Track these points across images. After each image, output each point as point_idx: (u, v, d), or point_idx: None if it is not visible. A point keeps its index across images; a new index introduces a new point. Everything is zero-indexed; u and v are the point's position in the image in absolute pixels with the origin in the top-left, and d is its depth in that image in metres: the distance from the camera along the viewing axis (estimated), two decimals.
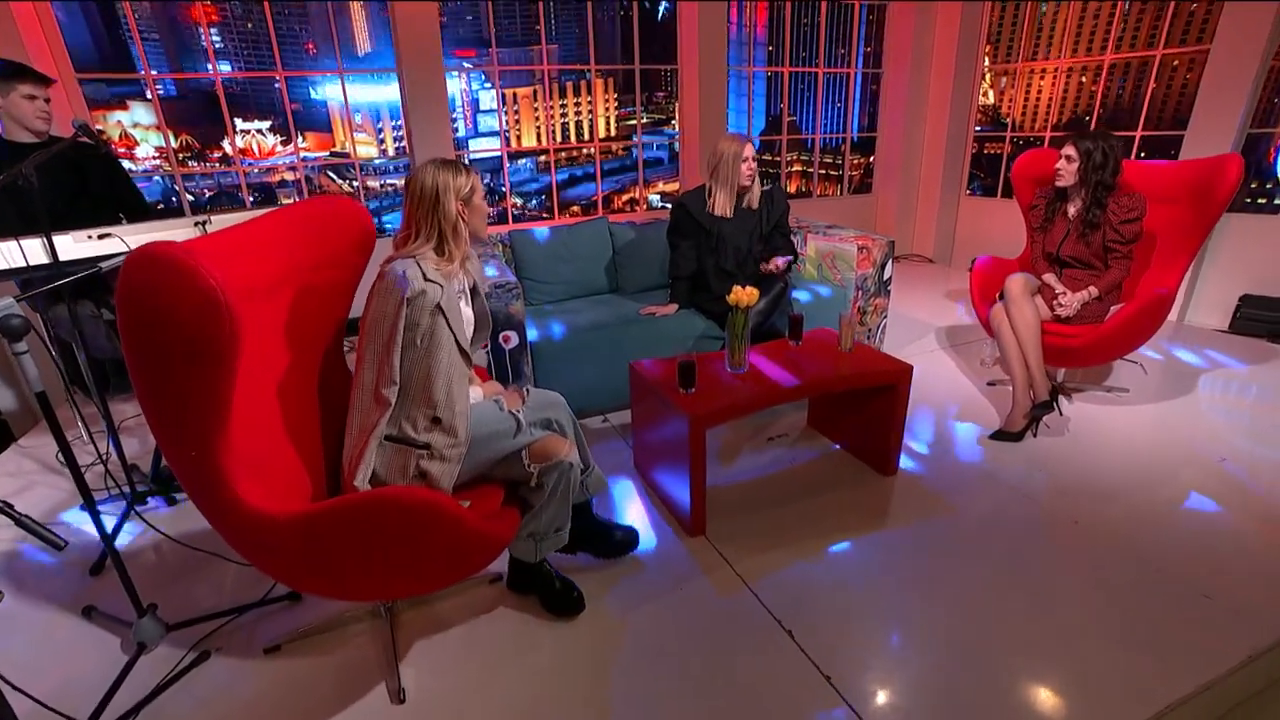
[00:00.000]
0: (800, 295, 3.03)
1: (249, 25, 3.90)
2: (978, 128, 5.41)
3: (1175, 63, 4.72)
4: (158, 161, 3.88)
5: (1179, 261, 2.53)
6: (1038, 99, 5.33)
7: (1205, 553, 1.85)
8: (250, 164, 4.13)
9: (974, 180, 5.56)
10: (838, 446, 2.52)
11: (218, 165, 4.06)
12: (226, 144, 3.97)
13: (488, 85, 4.79)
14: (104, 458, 2.30)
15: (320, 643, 1.64)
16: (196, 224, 2.20)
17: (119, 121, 3.84)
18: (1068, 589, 1.74)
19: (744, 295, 2.03)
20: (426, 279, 1.42)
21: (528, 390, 1.73)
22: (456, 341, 1.49)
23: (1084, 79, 5.13)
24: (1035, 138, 5.20)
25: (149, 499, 2.25)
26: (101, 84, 3.70)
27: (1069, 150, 2.51)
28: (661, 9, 5.02)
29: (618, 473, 2.38)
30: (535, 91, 4.87)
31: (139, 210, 2.51)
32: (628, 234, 3.22)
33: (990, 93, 5.42)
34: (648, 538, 2.01)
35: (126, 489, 2.21)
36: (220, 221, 2.25)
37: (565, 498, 1.56)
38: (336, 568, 1.31)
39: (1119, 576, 1.77)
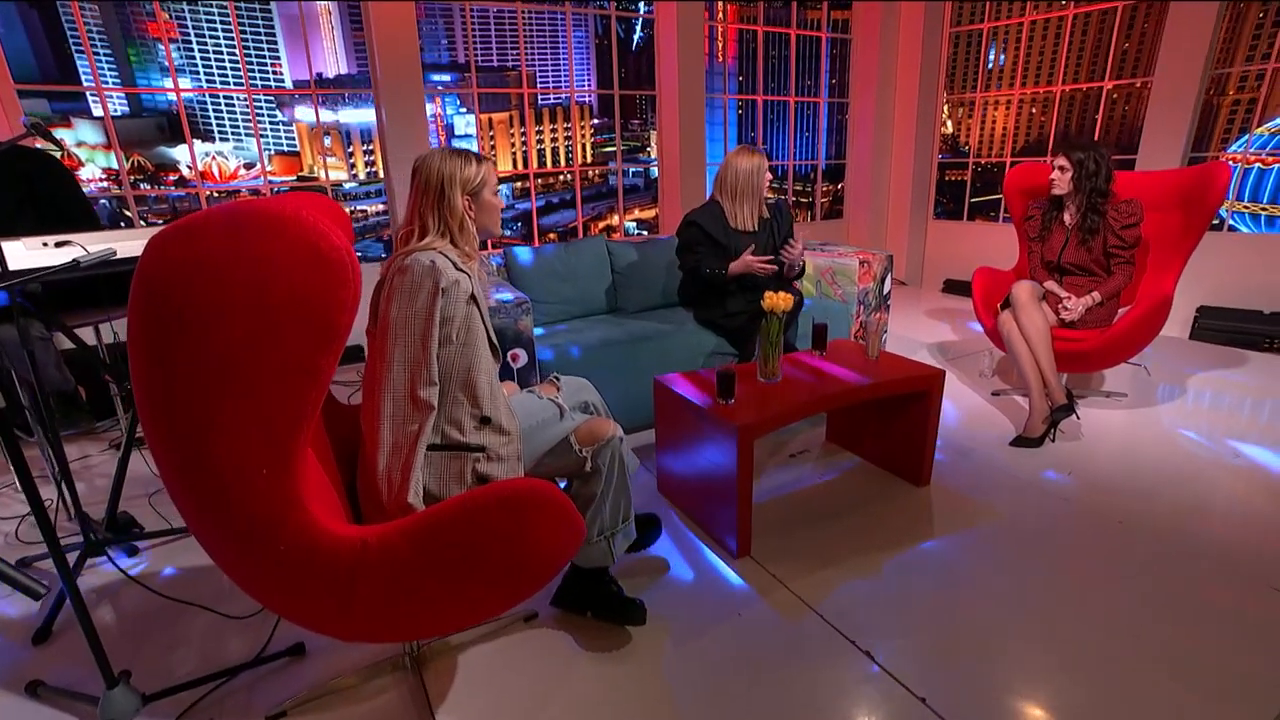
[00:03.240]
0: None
1: (211, 41, 3.69)
2: (940, 155, 5.65)
3: (1115, 95, 5.09)
4: (105, 184, 3.57)
5: (1173, 265, 2.62)
6: (993, 128, 5.64)
7: (1258, 546, 1.83)
8: (211, 187, 3.85)
9: (937, 206, 5.78)
10: (861, 460, 2.44)
11: (174, 187, 3.77)
12: (185, 165, 3.70)
13: (463, 110, 4.69)
14: (63, 495, 1.98)
15: (335, 704, 1.39)
16: None
17: (62, 140, 3.52)
18: (1138, 589, 1.67)
19: (779, 300, 1.95)
20: (456, 268, 1.29)
21: (557, 377, 1.63)
22: (488, 336, 1.36)
23: (1034, 109, 5.47)
24: (995, 164, 5.46)
25: (105, 549, 1.93)
26: (42, 99, 3.39)
27: (1061, 160, 2.59)
28: (636, 37, 5.08)
29: (640, 498, 2.22)
30: (511, 117, 4.81)
31: (87, 226, 2.24)
32: (628, 254, 3.13)
33: (949, 122, 5.70)
34: (690, 563, 1.85)
35: (80, 538, 1.90)
36: None
37: (623, 477, 1.46)
38: (421, 595, 1.12)
39: (1184, 573, 1.72)
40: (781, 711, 1.33)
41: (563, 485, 1.49)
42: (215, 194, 3.89)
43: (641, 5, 4.93)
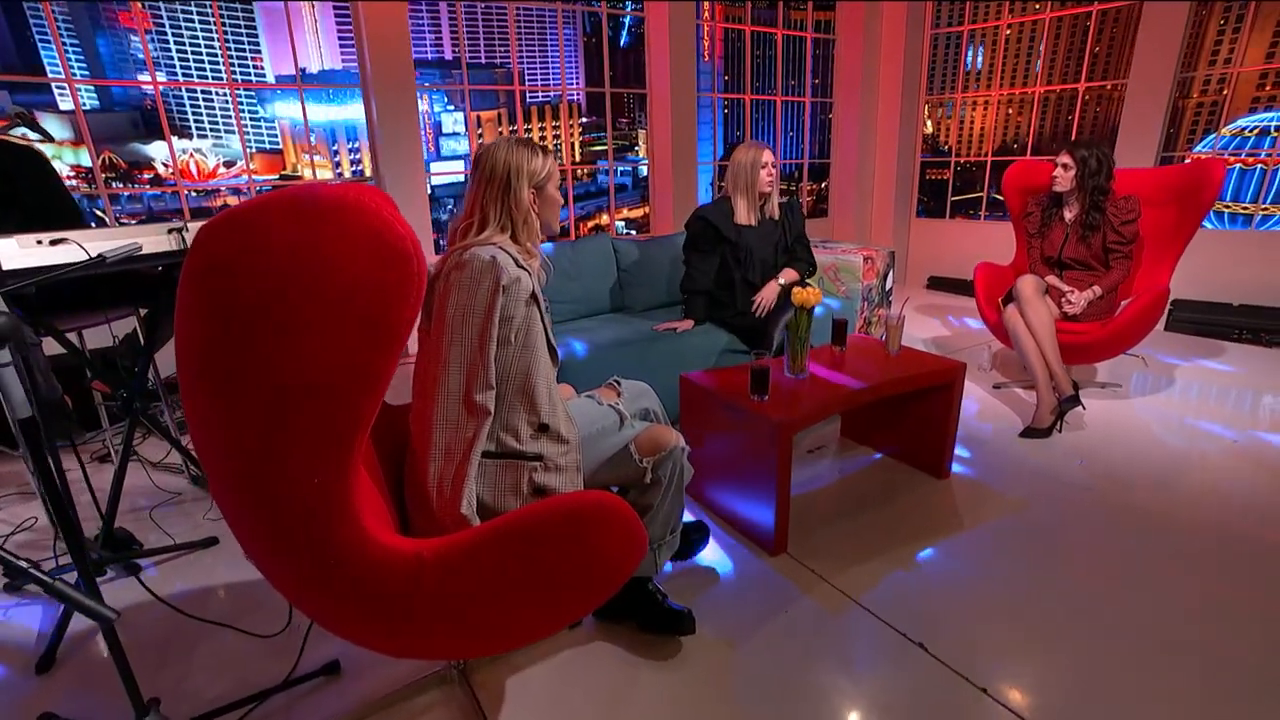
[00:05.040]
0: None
1: (188, 34, 3.52)
2: (922, 155, 5.77)
3: (1087, 97, 5.27)
4: (74, 182, 3.36)
5: (1168, 258, 2.71)
6: (971, 128, 5.79)
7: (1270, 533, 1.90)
8: (189, 186, 3.67)
9: (918, 204, 5.90)
10: (879, 454, 2.46)
11: (148, 186, 3.58)
12: (160, 164, 3.52)
13: (450, 107, 4.58)
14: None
15: None
16: (171, 230, 1.87)
17: (24, 135, 3.31)
18: (1167, 569, 1.71)
19: (809, 295, 1.95)
20: (517, 265, 1.23)
21: (618, 381, 1.56)
22: (547, 338, 1.31)
23: (1010, 110, 5.63)
24: (976, 163, 5.60)
25: (107, 569, 1.81)
26: (3, 89, 3.19)
27: (1065, 159, 2.65)
28: (624, 36, 5.04)
29: None
30: (500, 115, 4.72)
31: (74, 226, 2.11)
32: (633, 252, 3.10)
33: (929, 123, 5.82)
34: (727, 562, 1.82)
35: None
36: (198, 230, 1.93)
37: (680, 489, 1.42)
38: (478, 613, 1.06)
39: (1214, 554, 1.78)
40: (851, 708, 1.32)
41: (613, 490, 1.45)
42: (194, 193, 3.71)
43: (629, 4, 4.90)
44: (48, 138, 1.78)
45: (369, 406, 0.91)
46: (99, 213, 3.35)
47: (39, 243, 1.66)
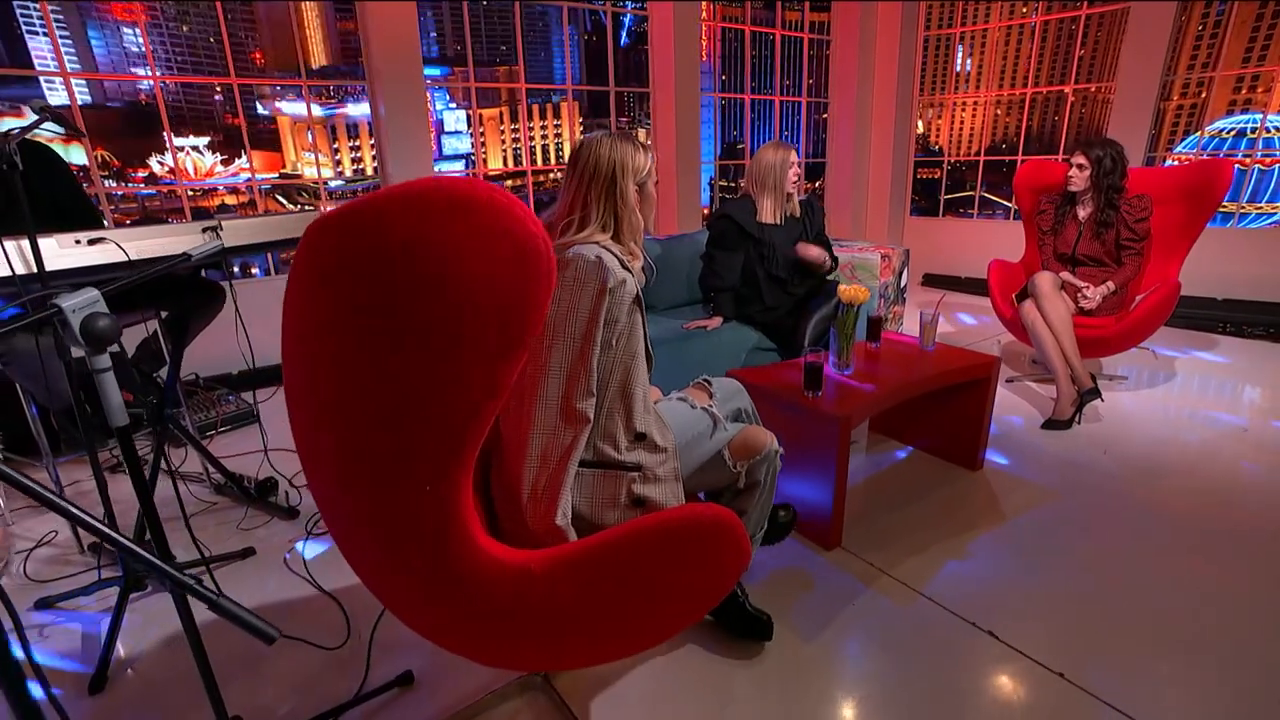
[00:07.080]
0: None
1: (184, 28, 3.40)
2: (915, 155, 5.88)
3: (1071, 100, 5.44)
4: None
5: (1177, 255, 2.81)
6: (961, 129, 5.92)
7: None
8: (186, 185, 3.54)
9: (911, 203, 6.01)
10: (911, 448, 2.49)
11: (144, 185, 3.44)
12: (155, 162, 3.38)
13: (451, 105, 4.50)
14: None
15: None
16: (205, 229, 1.80)
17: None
18: (1197, 558, 1.78)
19: (857, 293, 1.97)
20: (622, 266, 1.20)
21: (708, 381, 1.53)
22: (645, 342, 1.28)
23: (999, 111, 5.78)
24: (966, 163, 5.73)
25: (147, 583, 1.74)
26: None
27: (1079, 159, 2.73)
28: (624, 35, 5.03)
29: None
30: (501, 113, 4.66)
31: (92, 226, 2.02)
32: (653, 250, 3.09)
33: (920, 123, 5.94)
34: (785, 557, 1.83)
35: (99, 572, 1.70)
36: (233, 228, 1.87)
37: (772, 490, 1.39)
38: (584, 626, 1.04)
39: (1255, 539, 1.85)
40: (938, 696, 1.33)
41: (700, 496, 1.44)
42: (192, 191, 3.59)
43: (628, 3, 4.89)
44: (76, 132, 1.71)
45: (485, 416, 0.86)
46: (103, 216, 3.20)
47: (77, 242, 1.60)
